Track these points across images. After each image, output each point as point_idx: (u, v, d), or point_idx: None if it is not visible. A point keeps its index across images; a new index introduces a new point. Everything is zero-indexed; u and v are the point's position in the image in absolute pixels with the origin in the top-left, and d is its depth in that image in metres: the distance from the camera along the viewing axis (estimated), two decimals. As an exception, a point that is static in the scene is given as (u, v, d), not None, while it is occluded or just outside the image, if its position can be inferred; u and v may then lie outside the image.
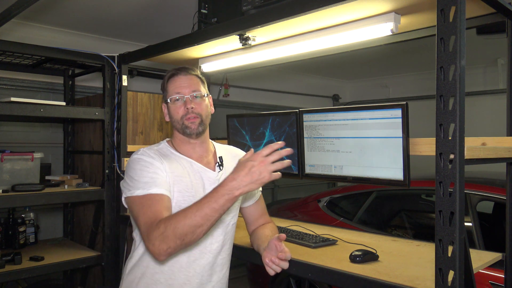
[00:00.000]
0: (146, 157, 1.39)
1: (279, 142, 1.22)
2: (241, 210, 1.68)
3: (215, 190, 1.22)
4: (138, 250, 1.47)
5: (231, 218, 1.54)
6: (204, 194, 1.41)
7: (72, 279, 3.08)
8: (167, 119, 1.53)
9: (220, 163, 1.55)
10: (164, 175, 1.38)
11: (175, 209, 1.36)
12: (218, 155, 1.58)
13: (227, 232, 1.53)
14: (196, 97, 1.48)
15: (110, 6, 3.05)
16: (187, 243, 1.22)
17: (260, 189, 1.71)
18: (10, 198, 2.24)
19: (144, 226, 1.26)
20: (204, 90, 1.52)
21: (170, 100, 1.48)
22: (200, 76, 1.54)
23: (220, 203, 1.19)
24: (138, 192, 1.32)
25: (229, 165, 1.57)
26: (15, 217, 2.65)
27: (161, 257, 1.22)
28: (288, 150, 1.22)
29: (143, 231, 1.26)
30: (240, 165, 1.21)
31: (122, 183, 1.42)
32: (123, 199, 1.40)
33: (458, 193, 1.09)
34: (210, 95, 1.57)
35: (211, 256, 1.47)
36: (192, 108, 1.45)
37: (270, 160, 1.19)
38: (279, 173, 1.20)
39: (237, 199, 1.22)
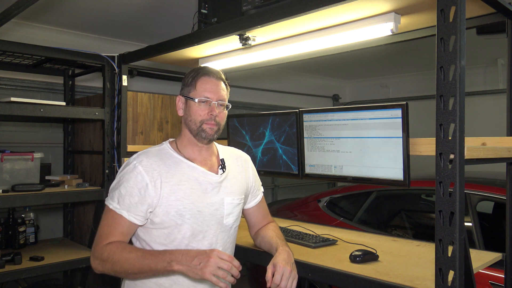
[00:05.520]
0: (139, 169, 1.37)
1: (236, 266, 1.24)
2: (244, 212, 1.66)
3: (163, 252, 1.28)
4: None
5: (234, 222, 1.52)
6: (205, 199, 1.43)
7: (72, 279, 3.08)
8: (180, 113, 1.50)
9: (222, 165, 1.53)
10: (149, 194, 1.36)
11: (175, 217, 1.37)
12: (220, 157, 1.56)
13: (230, 235, 1.52)
14: (220, 105, 1.47)
15: (110, 6, 3.05)
16: (120, 277, 1.38)
17: (262, 189, 1.70)
18: (10, 198, 2.24)
19: (97, 237, 1.37)
20: (227, 100, 1.51)
21: (197, 101, 1.44)
22: (227, 84, 1.53)
23: (158, 267, 1.24)
24: (112, 206, 1.38)
25: (232, 167, 1.57)
26: (15, 217, 2.65)
27: (95, 271, 1.36)
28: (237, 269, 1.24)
29: (94, 241, 1.37)
30: (203, 251, 1.24)
31: (112, 184, 1.44)
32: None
33: (458, 193, 1.09)
34: (230, 105, 1.55)
35: None
36: (215, 116, 1.45)
37: (218, 265, 1.20)
38: (218, 280, 1.20)
39: (173, 272, 1.25)
